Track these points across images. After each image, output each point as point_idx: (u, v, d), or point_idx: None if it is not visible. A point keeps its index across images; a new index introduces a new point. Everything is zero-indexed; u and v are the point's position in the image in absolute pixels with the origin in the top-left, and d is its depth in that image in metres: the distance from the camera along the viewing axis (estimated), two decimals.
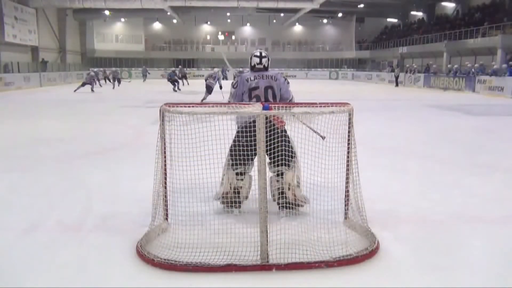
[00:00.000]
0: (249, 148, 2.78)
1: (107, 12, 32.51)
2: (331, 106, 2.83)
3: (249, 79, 3.33)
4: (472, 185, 4.40)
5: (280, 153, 2.91)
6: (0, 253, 2.77)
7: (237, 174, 3.21)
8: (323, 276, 2.47)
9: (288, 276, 2.46)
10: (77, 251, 2.78)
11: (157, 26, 41.05)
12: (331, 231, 2.82)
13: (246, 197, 3.31)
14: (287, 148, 3.00)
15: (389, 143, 6.85)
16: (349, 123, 2.94)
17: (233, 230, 2.84)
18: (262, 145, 2.55)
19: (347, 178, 3.01)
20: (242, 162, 3.07)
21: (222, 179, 3.29)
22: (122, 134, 7.85)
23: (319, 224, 2.89)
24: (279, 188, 3.22)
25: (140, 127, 8.45)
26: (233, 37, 42.53)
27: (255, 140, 2.59)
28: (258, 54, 3.41)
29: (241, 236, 2.76)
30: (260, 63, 3.35)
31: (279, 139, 2.90)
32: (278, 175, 3.20)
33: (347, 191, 3.05)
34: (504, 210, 3.66)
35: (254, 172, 3.04)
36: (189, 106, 2.63)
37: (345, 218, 3.15)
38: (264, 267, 2.52)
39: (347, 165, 2.99)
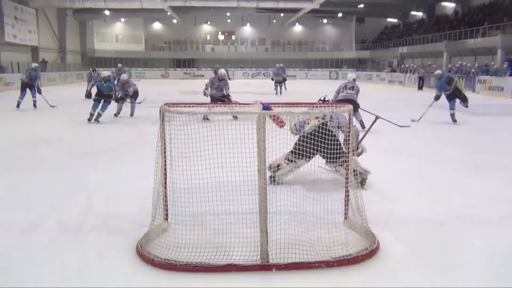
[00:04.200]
0: (305, 150, 3.65)
1: (107, 12, 32.44)
2: (331, 106, 2.86)
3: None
4: (472, 185, 4.41)
5: (337, 153, 3.31)
6: (0, 253, 2.78)
7: (286, 159, 4.13)
8: (323, 276, 2.47)
9: (288, 276, 2.46)
10: (77, 251, 2.78)
11: (157, 26, 40.98)
12: (331, 231, 2.82)
13: (277, 173, 4.15)
14: (340, 148, 3.37)
15: (389, 143, 6.84)
16: (349, 123, 2.95)
17: (233, 230, 2.84)
18: (262, 145, 2.55)
19: (347, 178, 3.01)
20: (296, 155, 3.99)
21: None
22: (122, 134, 7.84)
23: (319, 224, 2.89)
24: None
25: (140, 127, 8.44)
26: (233, 37, 42.46)
27: (311, 145, 3.54)
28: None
29: (241, 236, 2.76)
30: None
31: (335, 141, 3.33)
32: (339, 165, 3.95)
33: (347, 191, 3.05)
34: (504, 210, 3.66)
35: (302, 168, 3.85)
36: (189, 106, 2.64)
37: (345, 218, 3.16)
38: (264, 267, 2.52)
39: (347, 165, 2.99)
